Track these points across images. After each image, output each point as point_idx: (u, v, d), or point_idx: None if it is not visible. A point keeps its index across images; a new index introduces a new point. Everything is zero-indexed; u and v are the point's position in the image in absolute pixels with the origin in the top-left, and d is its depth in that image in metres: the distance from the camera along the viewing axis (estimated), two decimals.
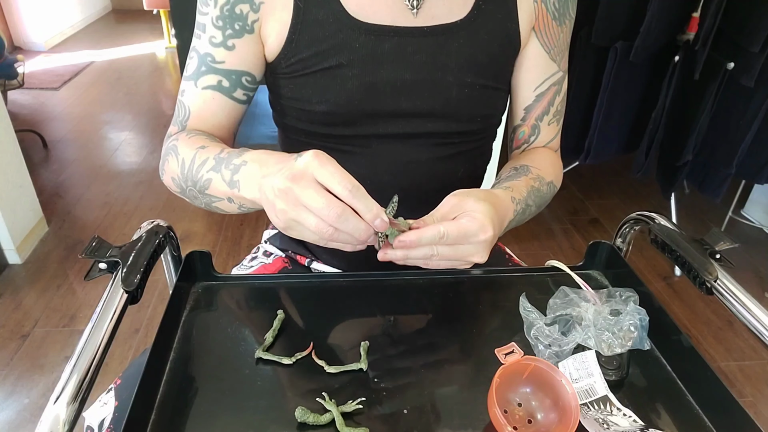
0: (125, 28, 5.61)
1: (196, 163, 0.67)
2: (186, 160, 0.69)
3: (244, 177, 0.61)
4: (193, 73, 0.73)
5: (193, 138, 0.71)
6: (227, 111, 0.75)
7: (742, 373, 1.76)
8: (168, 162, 0.73)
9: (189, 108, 0.74)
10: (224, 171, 0.63)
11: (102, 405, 0.69)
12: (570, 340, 0.61)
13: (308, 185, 0.52)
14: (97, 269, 0.64)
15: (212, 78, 0.72)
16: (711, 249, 0.69)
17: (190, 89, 0.74)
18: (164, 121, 3.43)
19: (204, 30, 0.71)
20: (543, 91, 0.80)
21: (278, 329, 0.66)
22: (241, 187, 0.62)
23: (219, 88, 0.72)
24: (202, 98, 0.73)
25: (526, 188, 0.73)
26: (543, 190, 0.77)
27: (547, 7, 0.75)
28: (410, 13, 0.70)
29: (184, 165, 0.69)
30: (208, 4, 0.69)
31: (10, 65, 2.72)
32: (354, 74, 0.70)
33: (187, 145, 0.70)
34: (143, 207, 2.52)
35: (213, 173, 0.65)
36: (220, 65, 0.71)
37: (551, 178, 0.80)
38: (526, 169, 0.77)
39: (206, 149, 0.67)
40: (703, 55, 1.74)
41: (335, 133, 0.75)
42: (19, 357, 1.71)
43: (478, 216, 0.59)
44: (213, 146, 0.68)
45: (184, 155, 0.69)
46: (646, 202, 2.71)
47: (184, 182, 0.70)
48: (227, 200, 0.66)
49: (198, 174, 0.67)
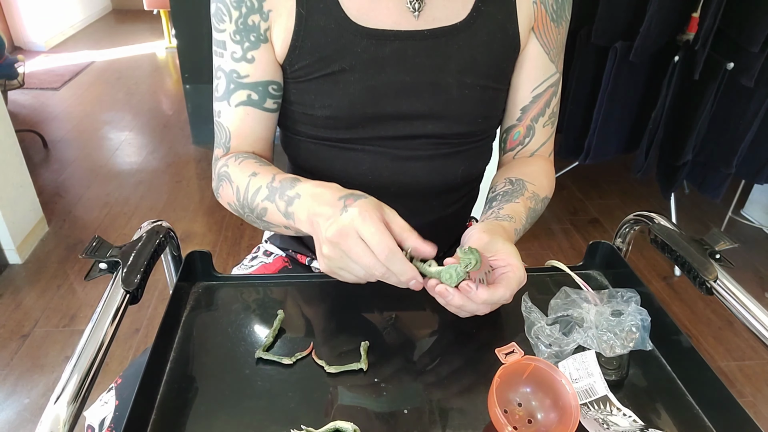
0: (125, 28, 5.61)
1: (251, 191, 0.69)
2: (240, 187, 0.71)
3: (298, 210, 0.63)
4: (225, 92, 0.74)
5: (243, 163, 0.73)
6: (263, 123, 0.76)
7: (741, 373, 1.77)
8: (223, 188, 0.75)
9: (228, 129, 0.76)
10: (279, 201, 0.66)
11: (103, 404, 0.69)
12: (571, 341, 0.62)
13: (354, 243, 0.55)
14: (97, 269, 0.64)
15: (242, 94, 0.73)
16: (711, 249, 0.69)
17: (225, 109, 0.75)
18: (164, 121, 3.43)
19: (224, 47, 0.72)
20: (541, 92, 0.80)
21: (278, 329, 0.66)
22: (296, 220, 0.64)
23: (250, 102, 0.74)
24: (237, 116, 0.75)
25: (525, 213, 0.73)
26: (538, 208, 0.78)
27: (546, 7, 0.75)
28: (411, 16, 0.70)
29: (239, 192, 0.71)
30: (224, 21, 0.70)
31: (10, 65, 2.72)
32: (356, 79, 0.71)
33: (239, 171, 0.72)
34: (143, 207, 2.52)
35: (268, 203, 0.67)
36: (246, 79, 0.73)
37: (546, 193, 0.80)
38: (522, 186, 0.77)
39: (258, 177, 0.69)
40: (703, 55, 1.74)
41: (337, 136, 0.76)
42: (19, 357, 1.72)
43: (515, 262, 0.60)
44: (264, 173, 0.70)
45: (238, 182, 0.71)
46: (646, 202, 2.71)
47: (241, 209, 0.72)
48: (284, 228, 0.68)
49: (253, 203, 0.69)
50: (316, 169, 0.80)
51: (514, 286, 0.59)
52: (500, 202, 0.74)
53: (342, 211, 0.56)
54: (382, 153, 0.77)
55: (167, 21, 4.88)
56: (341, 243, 0.55)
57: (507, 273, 0.60)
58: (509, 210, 0.72)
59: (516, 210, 0.72)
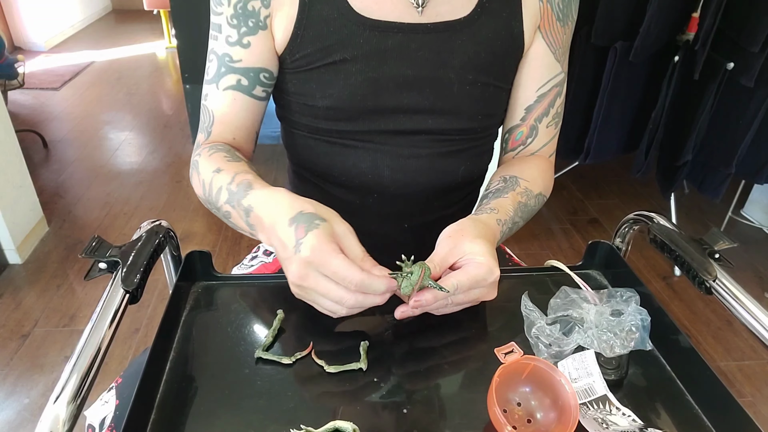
0: (125, 28, 5.61)
1: (214, 189, 0.69)
2: (205, 182, 0.70)
3: (257, 228, 0.62)
4: (214, 75, 0.74)
5: (212, 156, 0.72)
6: (249, 110, 0.76)
7: (741, 372, 1.77)
8: (193, 177, 0.74)
9: (213, 112, 0.75)
10: (238, 209, 0.65)
11: (103, 404, 0.69)
12: (571, 341, 0.62)
13: (317, 282, 0.55)
14: (97, 269, 0.64)
15: (232, 78, 0.73)
16: (710, 249, 0.69)
17: (212, 92, 0.75)
18: (164, 121, 3.43)
19: (220, 30, 0.72)
20: (545, 91, 0.80)
21: (278, 329, 0.66)
22: (258, 234, 0.63)
23: (239, 87, 0.73)
24: (224, 100, 0.74)
25: (512, 206, 0.73)
26: (531, 204, 0.77)
27: (552, 7, 0.75)
28: (415, 10, 0.70)
29: (204, 187, 0.71)
30: (222, 4, 0.70)
31: (10, 65, 2.72)
32: (357, 70, 0.71)
33: (206, 164, 0.71)
34: (143, 207, 2.52)
35: (230, 207, 0.66)
36: (238, 64, 0.72)
37: (539, 190, 0.79)
38: (515, 182, 0.77)
39: (221, 174, 0.68)
40: (703, 55, 1.74)
41: (337, 129, 0.75)
42: (19, 357, 1.72)
43: (481, 260, 0.60)
44: (227, 170, 0.68)
45: (204, 176, 0.71)
46: (645, 202, 2.71)
47: (207, 204, 0.72)
48: (250, 235, 0.67)
49: (217, 202, 0.68)
50: (316, 167, 0.80)
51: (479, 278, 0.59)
52: (490, 199, 0.74)
53: (296, 251, 0.54)
54: (382, 150, 0.76)
55: (167, 21, 4.88)
56: (304, 283, 0.55)
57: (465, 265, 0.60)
58: (495, 204, 0.72)
59: (502, 204, 0.72)
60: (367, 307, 0.57)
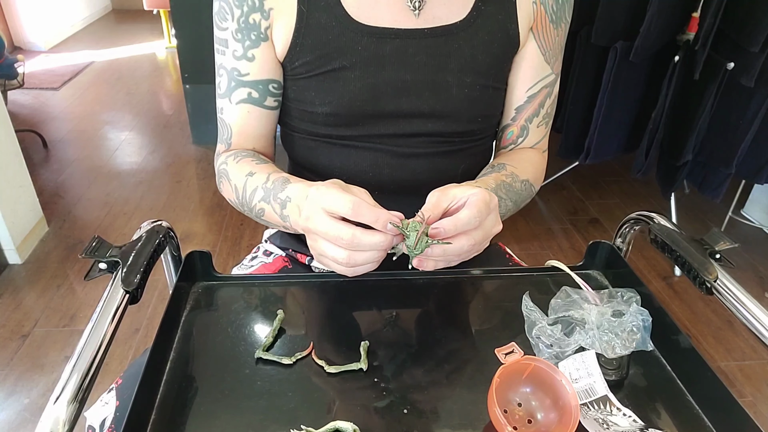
0: (125, 28, 5.61)
1: (248, 191, 0.71)
2: (238, 187, 0.72)
3: (291, 212, 0.65)
4: (226, 90, 0.75)
5: (241, 162, 0.74)
6: (264, 121, 0.78)
7: (742, 373, 1.76)
8: (223, 184, 0.77)
9: (230, 126, 0.78)
10: (273, 204, 0.67)
11: (103, 405, 0.69)
12: (572, 342, 0.61)
13: (319, 218, 0.55)
14: (97, 269, 0.64)
15: (243, 92, 0.75)
16: (711, 249, 0.69)
17: (226, 106, 0.77)
18: (164, 121, 3.43)
19: (226, 45, 0.73)
20: (535, 92, 0.80)
21: (278, 329, 0.66)
22: (291, 222, 0.65)
23: (251, 100, 0.75)
24: (239, 114, 0.76)
25: (494, 181, 0.72)
26: (516, 186, 0.75)
27: (546, 8, 0.75)
28: (412, 15, 0.71)
29: (238, 192, 0.73)
30: (226, 19, 0.71)
31: (10, 65, 2.72)
32: (356, 76, 0.71)
33: (236, 170, 0.73)
34: (143, 207, 2.52)
35: (264, 204, 0.69)
36: (246, 77, 0.74)
37: (526, 177, 0.78)
38: (501, 167, 0.77)
39: (254, 177, 0.71)
40: (703, 55, 1.74)
41: (337, 134, 0.76)
42: (19, 357, 1.72)
43: (475, 190, 0.57)
44: (260, 172, 0.71)
45: (236, 182, 0.73)
46: (646, 202, 2.71)
47: (240, 207, 0.74)
48: (283, 227, 0.69)
49: (251, 203, 0.71)
50: (316, 167, 0.80)
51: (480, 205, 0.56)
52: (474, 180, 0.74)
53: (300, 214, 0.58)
54: (382, 150, 0.77)
55: (167, 21, 4.87)
56: (309, 224, 0.57)
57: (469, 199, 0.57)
58: (478, 182, 0.71)
59: (484, 180, 0.72)
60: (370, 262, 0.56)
